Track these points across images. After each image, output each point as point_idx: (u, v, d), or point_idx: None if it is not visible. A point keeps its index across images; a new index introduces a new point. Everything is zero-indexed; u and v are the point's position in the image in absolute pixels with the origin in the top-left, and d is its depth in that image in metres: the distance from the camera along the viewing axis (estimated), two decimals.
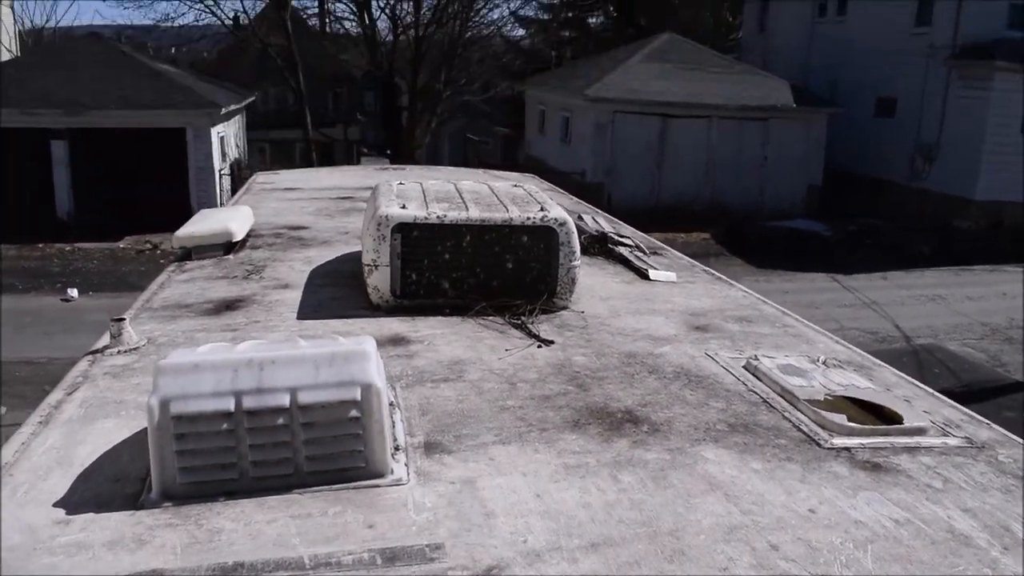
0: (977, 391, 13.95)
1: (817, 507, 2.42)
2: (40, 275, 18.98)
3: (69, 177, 22.56)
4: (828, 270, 21.52)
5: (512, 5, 36.69)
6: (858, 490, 2.53)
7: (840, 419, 2.97)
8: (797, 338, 4.14)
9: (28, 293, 17.74)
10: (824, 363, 3.59)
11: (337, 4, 34.62)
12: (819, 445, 2.83)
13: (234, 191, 21.80)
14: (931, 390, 3.56)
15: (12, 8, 32.42)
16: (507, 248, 4.22)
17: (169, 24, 32.89)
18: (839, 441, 2.85)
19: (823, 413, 3.01)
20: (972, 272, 22.21)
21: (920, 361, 15.09)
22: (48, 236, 21.67)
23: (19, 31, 33.15)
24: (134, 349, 3.61)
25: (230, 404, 2.35)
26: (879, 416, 3.08)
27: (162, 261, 18.70)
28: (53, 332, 14.95)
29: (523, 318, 4.05)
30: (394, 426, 2.78)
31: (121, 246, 21.54)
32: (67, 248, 21.21)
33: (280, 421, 2.37)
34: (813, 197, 28.17)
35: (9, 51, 30.13)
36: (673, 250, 6.30)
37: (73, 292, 17.49)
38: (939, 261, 23.01)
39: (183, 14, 50.39)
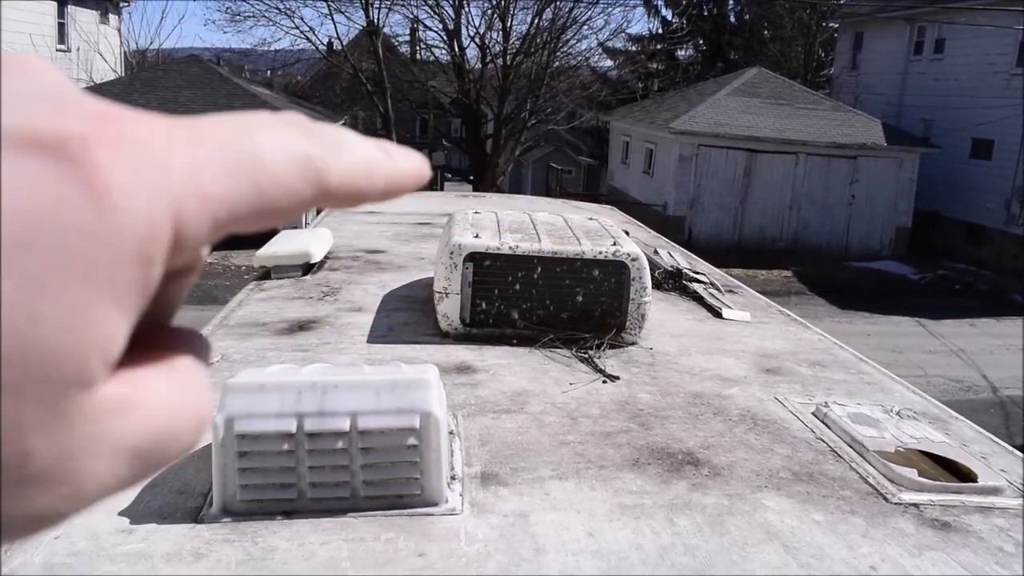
0: None
1: (879, 564, 2.34)
2: None
3: None
4: (914, 314, 20.83)
5: (601, 36, 36.49)
6: (924, 549, 2.43)
7: (910, 473, 2.86)
8: (872, 386, 4.02)
9: None
10: (898, 414, 3.48)
11: (428, 32, 35.00)
12: (886, 500, 2.74)
13: (318, 211, 22.27)
14: (1010, 447, 3.42)
15: (119, 30, 33.88)
16: (578, 281, 4.22)
17: (266, 48, 33.81)
18: (907, 496, 2.75)
19: (892, 466, 2.91)
20: None
21: (1007, 413, 14.47)
22: None
23: (124, 52, 34.54)
24: (208, 365, 3.71)
25: (292, 425, 2.40)
26: (952, 472, 2.96)
27: (245, 276, 19.19)
28: None
29: (590, 352, 4.04)
30: (452, 455, 2.79)
31: (208, 261, 22.22)
32: None
33: (339, 444, 2.41)
34: (901, 239, 27.43)
35: (114, 71, 31.44)
36: (750, 289, 6.21)
37: None
38: None
39: (279, 39, 51.70)
